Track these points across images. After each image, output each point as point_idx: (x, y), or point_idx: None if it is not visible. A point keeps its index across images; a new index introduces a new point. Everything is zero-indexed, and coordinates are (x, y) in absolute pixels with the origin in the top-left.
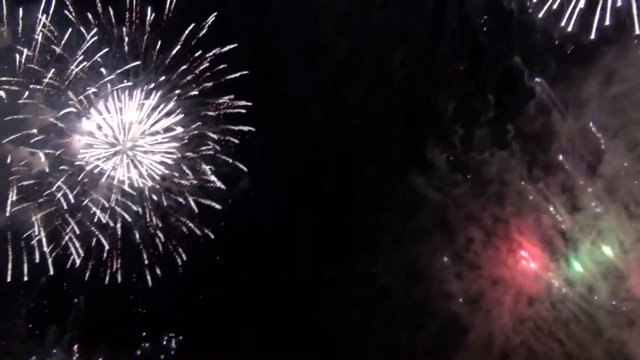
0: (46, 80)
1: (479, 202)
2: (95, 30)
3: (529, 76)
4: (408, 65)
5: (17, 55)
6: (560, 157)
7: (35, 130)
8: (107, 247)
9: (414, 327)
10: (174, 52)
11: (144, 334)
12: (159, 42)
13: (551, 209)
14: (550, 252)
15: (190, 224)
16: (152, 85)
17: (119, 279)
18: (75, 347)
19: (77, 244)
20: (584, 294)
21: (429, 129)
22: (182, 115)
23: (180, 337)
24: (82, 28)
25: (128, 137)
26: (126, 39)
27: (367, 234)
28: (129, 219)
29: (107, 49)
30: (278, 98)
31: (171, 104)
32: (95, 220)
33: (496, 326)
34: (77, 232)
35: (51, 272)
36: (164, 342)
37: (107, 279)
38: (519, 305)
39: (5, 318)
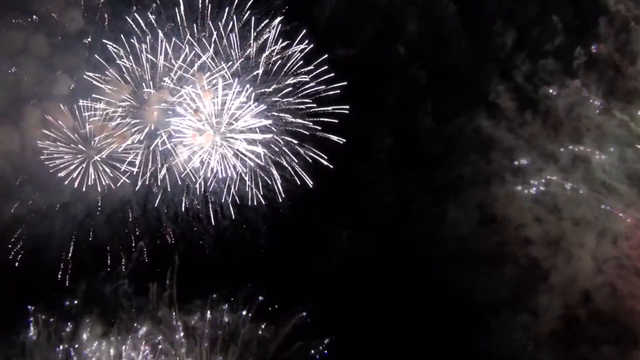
0: (119, 61)
1: (553, 141)
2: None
3: None
4: None
5: (86, 40)
6: None
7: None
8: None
9: (490, 273)
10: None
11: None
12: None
13: (636, 142)
14: (638, 188)
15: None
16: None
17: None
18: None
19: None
20: None
21: (489, 64)
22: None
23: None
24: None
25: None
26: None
27: (438, 181)
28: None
29: (171, 24)
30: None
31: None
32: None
33: (579, 268)
34: (166, 211)
35: (146, 259)
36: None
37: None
38: (602, 245)
39: (112, 280)
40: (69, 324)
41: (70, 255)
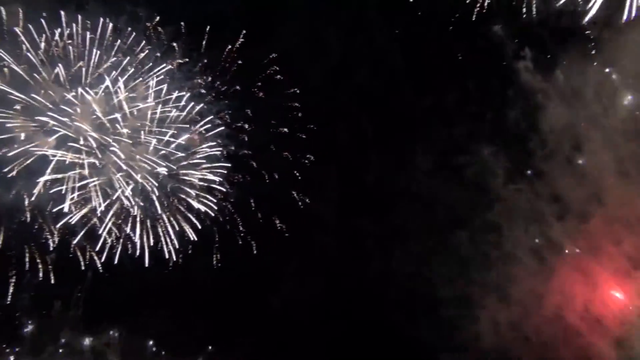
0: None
1: (464, 207)
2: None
3: (512, 56)
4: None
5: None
6: (548, 155)
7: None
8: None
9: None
10: None
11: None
12: None
13: (539, 215)
14: (540, 262)
15: None
16: None
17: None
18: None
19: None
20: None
21: (408, 128)
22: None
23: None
24: None
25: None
26: None
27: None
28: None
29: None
30: None
31: None
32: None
33: (479, 329)
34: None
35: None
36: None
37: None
38: (502, 310)
39: (13, 294)
40: None
41: None
